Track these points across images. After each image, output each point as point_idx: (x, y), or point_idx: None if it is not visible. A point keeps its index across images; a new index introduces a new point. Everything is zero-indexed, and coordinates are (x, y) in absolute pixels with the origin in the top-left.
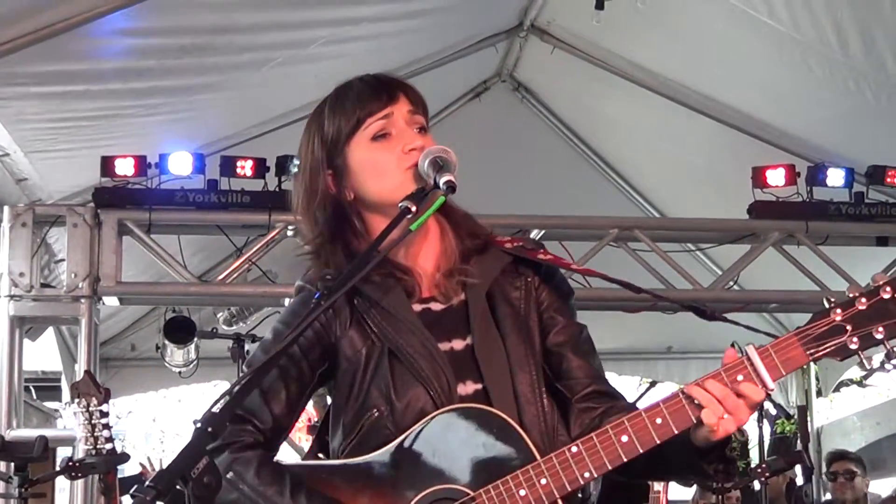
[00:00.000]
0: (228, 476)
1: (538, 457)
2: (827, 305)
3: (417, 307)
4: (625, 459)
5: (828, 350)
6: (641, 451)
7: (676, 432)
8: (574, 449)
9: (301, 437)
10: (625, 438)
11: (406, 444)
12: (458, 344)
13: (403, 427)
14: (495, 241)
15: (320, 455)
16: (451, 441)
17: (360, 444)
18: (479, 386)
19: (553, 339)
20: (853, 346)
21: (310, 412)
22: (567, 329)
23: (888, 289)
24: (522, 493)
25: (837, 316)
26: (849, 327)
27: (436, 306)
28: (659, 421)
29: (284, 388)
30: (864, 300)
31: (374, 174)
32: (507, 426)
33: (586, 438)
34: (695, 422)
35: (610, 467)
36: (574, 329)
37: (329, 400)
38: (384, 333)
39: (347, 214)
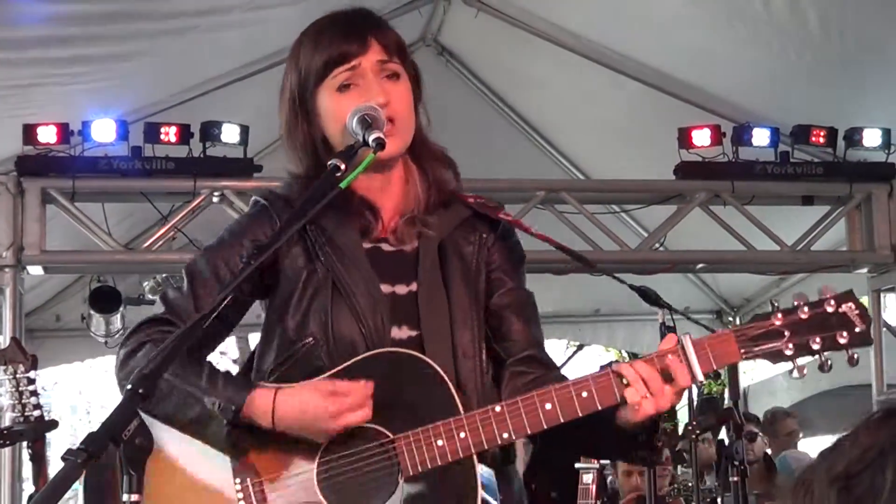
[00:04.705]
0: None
1: (461, 411)
2: (770, 309)
3: (367, 245)
4: (545, 426)
5: (762, 352)
6: (563, 420)
7: (600, 407)
8: (497, 409)
9: None
10: (548, 406)
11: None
12: (401, 289)
13: (335, 360)
14: (458, 195)
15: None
16: (378, 382)
17: (291, 369)
18: (415, 332)
19: (498, 301)
20: (788, 353)
21: None
22: (513, 293)
23: (833, 302)
24: (440, 443)
25: (778, 321)
26: (787, 333)
27: (386, 247)
28: (584, 394)
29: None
30: (806, 309)
31: (336, 123)
32: (435, 375)
33: (511, 401)
34: (618, 400)
35: (529, 432)
36: (520, 294)
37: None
38: (330, 264)
39: (321, 154)
